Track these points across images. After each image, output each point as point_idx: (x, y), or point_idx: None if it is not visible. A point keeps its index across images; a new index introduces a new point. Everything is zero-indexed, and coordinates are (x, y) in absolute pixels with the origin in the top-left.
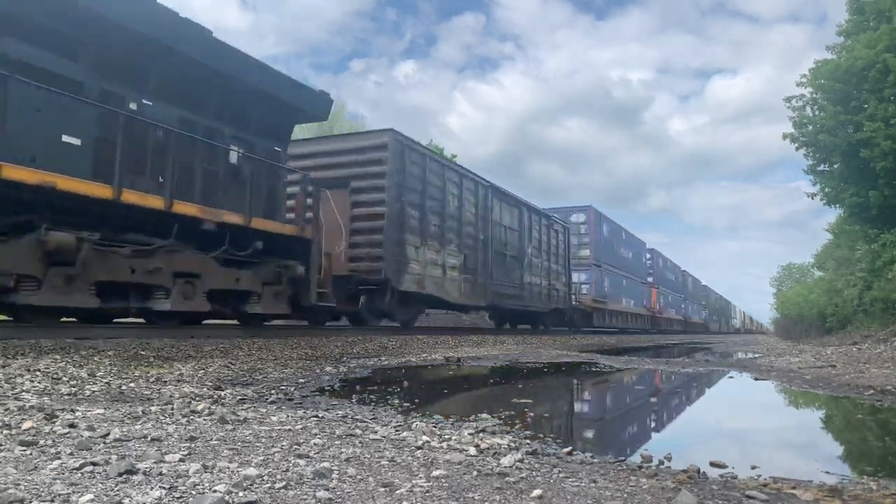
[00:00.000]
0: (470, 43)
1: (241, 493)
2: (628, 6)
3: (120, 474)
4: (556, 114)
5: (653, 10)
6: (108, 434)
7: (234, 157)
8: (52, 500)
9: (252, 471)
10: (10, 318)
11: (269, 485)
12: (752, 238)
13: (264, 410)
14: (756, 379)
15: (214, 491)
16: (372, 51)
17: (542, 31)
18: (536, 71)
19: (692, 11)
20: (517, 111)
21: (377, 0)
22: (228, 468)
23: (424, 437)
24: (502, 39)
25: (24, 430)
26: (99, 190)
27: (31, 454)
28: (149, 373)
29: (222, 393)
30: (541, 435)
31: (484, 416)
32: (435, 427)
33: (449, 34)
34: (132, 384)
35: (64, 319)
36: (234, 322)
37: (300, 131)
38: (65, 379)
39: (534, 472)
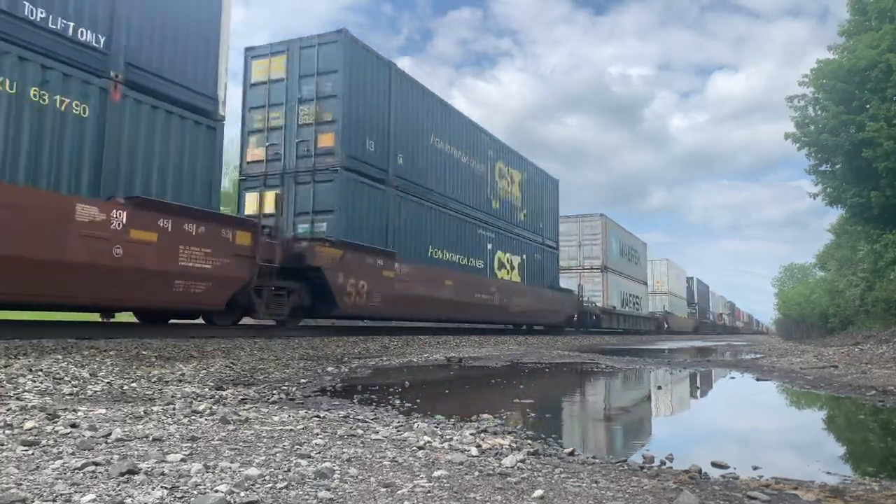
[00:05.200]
0: (467, 38)
1: (242, 493)
2: (627, 1)
3: (122, 474)
4: (554, 111)
5: (652, 5)
6: (109, 434)
7: None
8: (54, 500)
9: (254, 471)
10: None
11: (270, 485)
12: (753, 237)
13: (266, 410)
14: (758, 379)
15: (216, 491)
16: None
17: (540, 27)
18: (535, 67)
19: (692, 6)
20: (515, 108)
21: None
22: (230, 468)
23: (426, 438)
24: (500, 35)
25: (26, 429)
26: None
27: (33, 454)
28: (150, 373)
29: (224, 393)
30: (542, 435)
31: (485, 416)
32: (436, 427)
33: (445, 29)
34: (134, 384)
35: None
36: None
37: None
38: (67, 379)
39: (535, 473)
